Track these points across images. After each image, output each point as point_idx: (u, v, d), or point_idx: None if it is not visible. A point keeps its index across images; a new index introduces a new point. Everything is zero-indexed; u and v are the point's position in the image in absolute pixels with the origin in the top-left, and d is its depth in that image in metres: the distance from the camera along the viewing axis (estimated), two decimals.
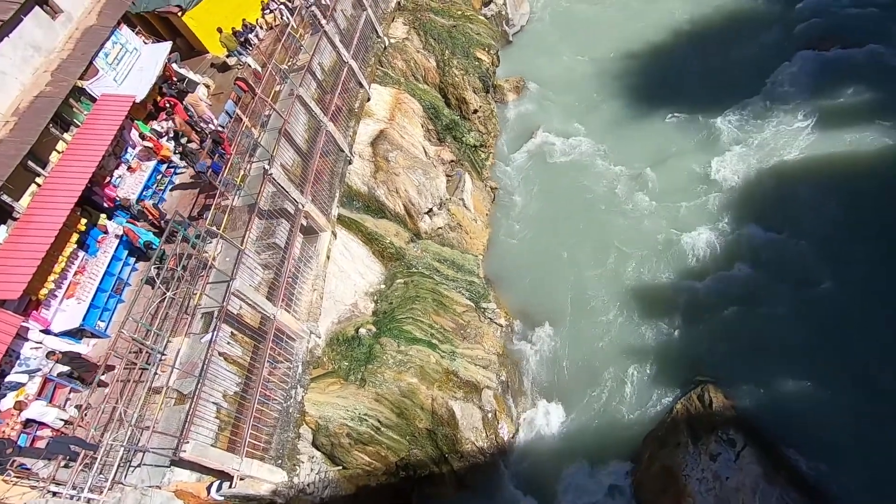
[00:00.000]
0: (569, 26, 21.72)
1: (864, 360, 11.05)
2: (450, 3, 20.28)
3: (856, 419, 10.45)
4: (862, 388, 10.75)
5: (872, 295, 11.73)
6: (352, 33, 16.05)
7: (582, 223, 15.69)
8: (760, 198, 14.18)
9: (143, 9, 17.11)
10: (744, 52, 17.40)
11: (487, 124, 18.75)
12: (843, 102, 15.01)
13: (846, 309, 11.78)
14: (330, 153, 13.45)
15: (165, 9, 17.09)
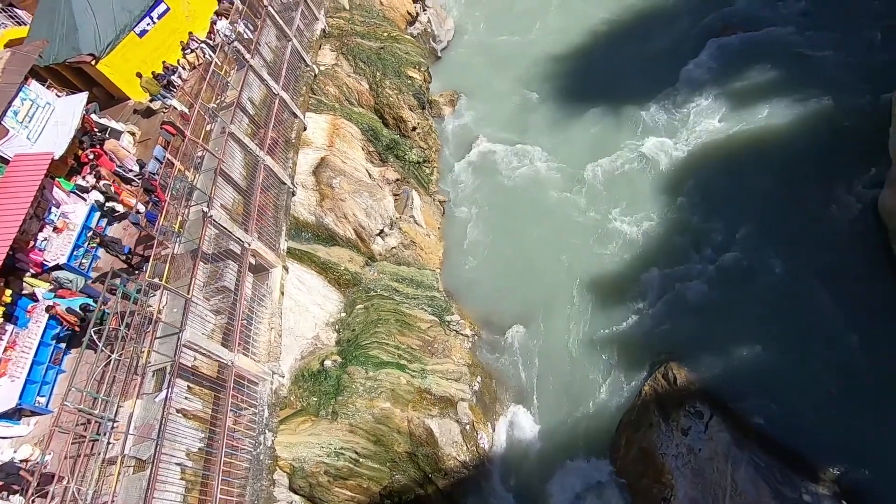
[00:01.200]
0: (493, 38, 22.39)
1: (806, 322, 11.77)
2: (375, 26, 20.47)
3: (807, 377, 11.09)
4: (807, 348, 11.43)
5: (805, 260, 12.55)
6: (279, 65, 15.88)
7: (531, 224, 16.05)
8: (691, 178, 15.00)
9: (53, 61, 16.35)
10: (657, 45, 18.48)
11: (428, 139, 18.94)
12: (750, 81, 16.18)
13: (783, 277, 12.56)
14: (271, 187, 13.16)
15: (77, 59, 16.39)
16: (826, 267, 12.18)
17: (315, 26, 18.60)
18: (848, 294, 11.68)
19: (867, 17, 15.95)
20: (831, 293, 11.84)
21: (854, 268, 12.02)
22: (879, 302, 11.44)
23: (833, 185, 13.23)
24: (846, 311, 11.53)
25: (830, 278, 12.02)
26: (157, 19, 18.40)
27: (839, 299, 11.70)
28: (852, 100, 14.46)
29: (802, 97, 15.09)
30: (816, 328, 11.67)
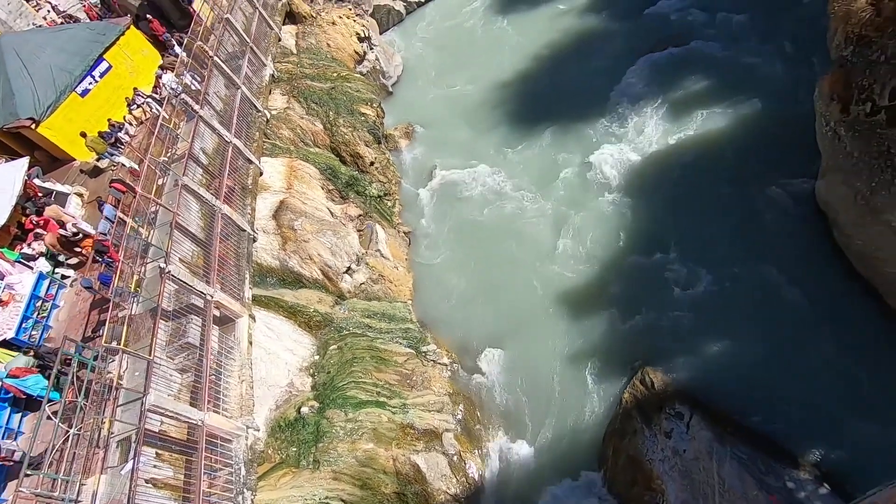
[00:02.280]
0: (441, 70, 23.03)
1: (766, 311, 12.25)
2: (324, 68, 20.74)
3: (775, 366, 11.46)
4: (771, 338, 11.86)
5: (756, 254, 13.14)
6: (230, 113, 15.79)
7: (495, 246, 16.26)
8: (642, 186, 15.60)
9: None
10: (597, 65, 19.41)
11: (387, 173, 19.09)
12: (685, 91, 17.14)
13: (739, 272, 13.08)
14: (231, 236, 12.91)
15: (16, 124, 15.92)
16: (777, 258, 12.78)
17: (263, 72, 18.70)
18: (800, 280, 12.28)
19: (786, 27, 17.24)
20: (784, 282, 12.40)
21: (803, 256, 12.66)
22: (829, 284, 12.05)
23: (773, 181, 14.00)
24: (801, 297, 12.09)
25: (782, 268, 12.61)
26: (99, 78, 18.14)
27: (793, 286, 12.27)
28: (780, 100, 15.48)
29: (735, 102, 16.07)
30: (776, 316, 12.15)
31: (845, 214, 11.59)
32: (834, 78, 10.83)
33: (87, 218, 14.58)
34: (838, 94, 10.69)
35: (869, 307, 11.44)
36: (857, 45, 10.15)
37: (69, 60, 17.53)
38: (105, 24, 20.28)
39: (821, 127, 11.74)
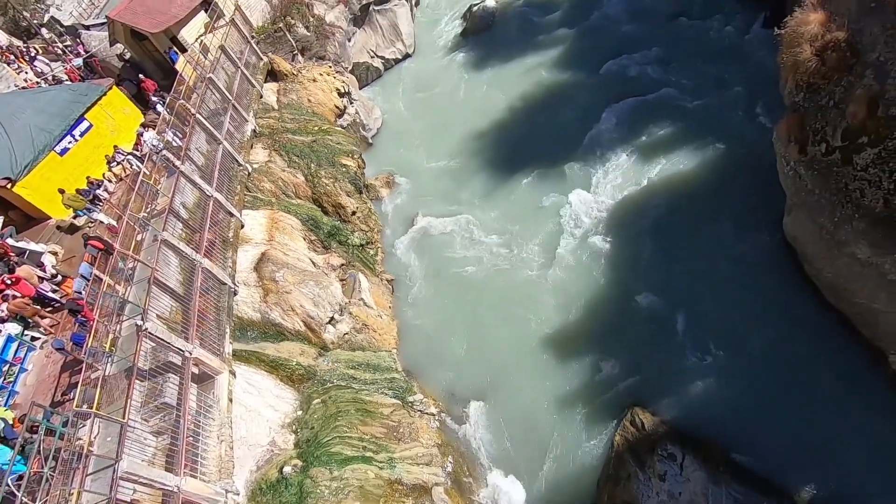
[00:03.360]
0: (419, 122, 23.80)
1: (745, 347, 12.44)
2: (305, 122, 21.25)
3: (759, 401, 11.52)
4: (752, 372, 11.98)
5: (732, 291, 13.47)
6: (211, 167, 15.94)
7: (478, 291, 16.33)
8: (616, 228, 16.04)
9: None
10: (567, 114, 20.32)
11: (368, 222, 19.25)
12: (651, 136, 18.00)
13: (717, 309, 13.35)
14: (211, 290, 12.72)
15: None
16: (752, 293, 13.11)
17: (245, 128, 19.06)
18: (776, 314, 12.58)
19: (739, 74, 18.45)
20: (762, 317, 12.67)
21: (777, 290, 13.01)
22: (805, 317, 12.35)
23: (742, 219, 14.56)
24: (778, 331, 12.34)
25: (758, 303, 12.91)
26: (79, 137, 18.24)
27: (770, 321, 12.54)
28: (741, 142, 16.33)
29: (699, 145, 16.90)
30: (756, 352, 12.33)
31: (813, 248, 12.04)
32: (789, 122, 11.52)
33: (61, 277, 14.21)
34: (795, 136, 11.35)
35: (844, 338, 11.71)
36: (808, 92, 10.90)
37: (49, 121, 17.64)
38: (87, 85, 20.61)
39: (782, 167, 12.36)
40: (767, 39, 16.62)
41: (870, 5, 9.49)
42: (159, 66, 24.48)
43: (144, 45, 24.15)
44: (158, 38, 22.75)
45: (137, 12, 22.65)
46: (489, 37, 26.68)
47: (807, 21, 10.47)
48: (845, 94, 9.90)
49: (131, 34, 23.48)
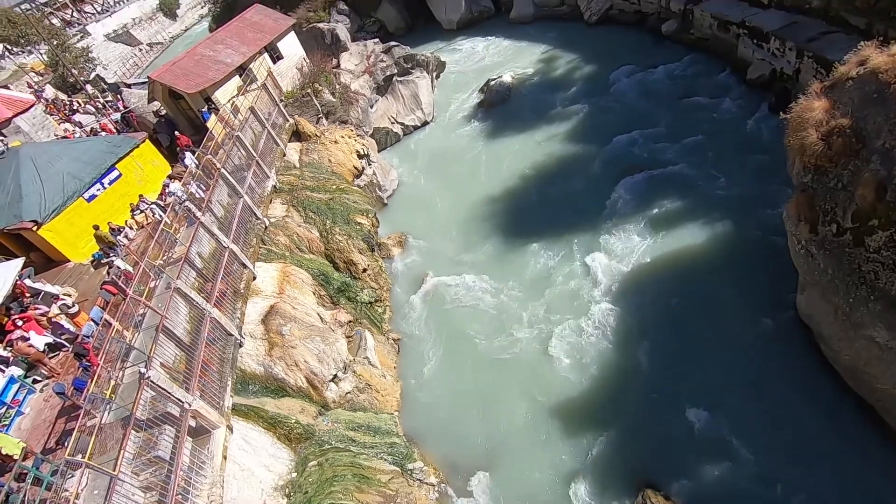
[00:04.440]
0: (434, 185, 24.55)
1: (760, 427, 11.89)
2: (324, 180, 22.02)
3: (778, 489, 10.84)
4: (772, 462, 11.38)
5: (746, 369, 13.11)
6: (230, 220, 16.38)
7: (486, 356, 16.04)
8: (629, 299, 15.90)
9: None
10: (579, 185, 20.86)
11: (378, 280, 19.37)
12: (663, 209, 18.26)
13: (732, 387, 12.93)
14: (217, 340, 12.66)
15: (17, 226, 16.30)
16: (767, 374, 12.73)
17: (266, 183, 19.76)
18: (792, 397, 12.12)
19: (748, 152, 18.99)
20: (777, 399, 12.22)
21: (792, 371, 12.63)
22: (822, 401, 11.89)
23: (754, 296, 14.43)
24: (795, 415, 11.85)
25: (773, 385, 12.51)
26: (108, 185, 19.02)
27: (786, 404, 12.07)
28: (751, 218, 16.52)
29: (710, 219, 17.08)
30: (771, 435, 11.77)
31: (829, 329, 11.79)
32: (799, 201, 11.69)
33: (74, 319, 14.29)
34: (805, 215, 11.47)
35: (865, 426, 11.18)
36: (815, 174, 11.13)
37: (82, 169, 18.49)
38: (122, 137, 21.77)
39: (793, 245, 12.39)
40: (773, 122, 17.30)
41: (872, 96, 9.90)
42: (191, 123, 25.88)
43: (180, 104, 25.69)
44: (194, 98, 24.22)
45: (177, 74, 24.31)
46: (505, 109, 28.03)
47: (811, 108, 10.90)
48: (853, 177, 10.10)
49: (169, 93, 25.07)
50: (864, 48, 10.68)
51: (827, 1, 19.62)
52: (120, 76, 59.38)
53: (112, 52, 72.97)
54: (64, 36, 56.59)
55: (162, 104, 26.27)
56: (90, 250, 17.72)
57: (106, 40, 75.55)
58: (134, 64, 70.56)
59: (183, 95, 24.36)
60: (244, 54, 26.05)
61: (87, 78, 44.19)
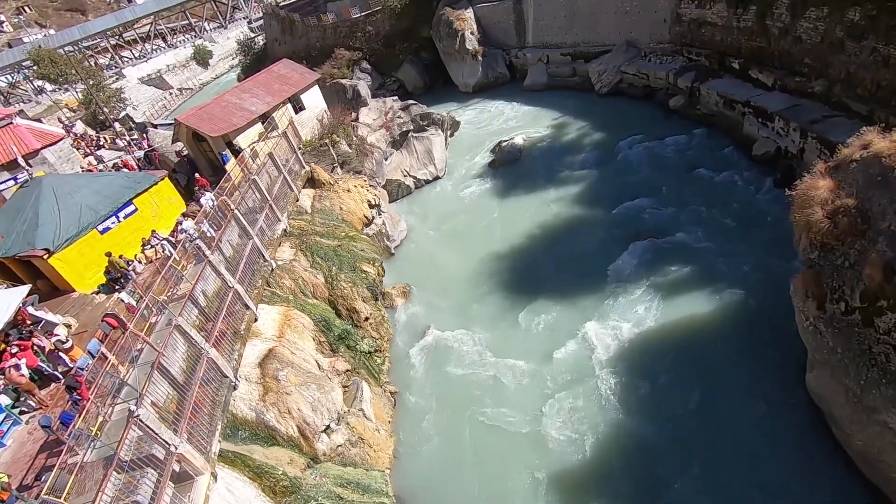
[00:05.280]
0: (442, 238, 24.83)
1: None
2: (334, 227, 22.36)
3: None
4: None
5: (755, 451, 12.59)
6: (238, 260, 16.53)
7: (483, 416, 15.54)
8: (631, 367, 15.52)
9: (3, 255, 16.35)
10: (586, 248, 20.98)
11: (380, 329, 19.19)
12: (668, 277, 18.19)
13: (742, 470, 12.36)
14: (212, 381, 12.42)
15: (28, 253, 16.52)
16: (775, 456, 12.17)
17: (277, 226, 20.08)
18: (803, 483, 11.50)
19: (755, 223, 19.18)
20: (787, 486, 11.60)
21: (802, 453, 12.08)
22: (832, 488, 11.29)
23: (761, 371, 14.08)
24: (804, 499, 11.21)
25: (783, 469, 11.92)
26: (122, 219, 19.41)
27: (793, 492, 11.44)
28: (758, 291, 16.38)
29: (716, 290, 16.96)
30: None
31: (840, 410, 11.40)
32: (806, 277, 11.65)
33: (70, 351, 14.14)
34: (812, 291, 11.40)
35: None
36: (822, 251, 11.17)
37: (100, 202, 18.96)
38: (143, 174, 22.46)
39: (801, 321, 12.23)
40: (780, 197, 17.54)
41: (876, 179, 10.11)
42: (211, 165, 26.73)
43: (202, 146, 26.66)
44: (216, 141, 25.16)
45: (202, 118, 25.42)
46: (515, 169, 28.80)
47: (816, 186, 11.10)
48: (860, 256, 10.12)
49: (193, 135, 26.08)
50: (866, 132, 11.02)
51: (829, 86, 20.48)
52: (148, 117, 62.10)
53: (143, 93, 76.73)
54: (100, 77, 59.80)
55: (185, 145, 27.27)
56: (96, 282, 17.84)
57: (139, 83, 79.66)
58: (163, 106, 73.95)
59: (206, 138, 25.32)
60: (268, 104, 27.30)
61: (116, 116, 46.24)
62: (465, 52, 42.33)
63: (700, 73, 27.78)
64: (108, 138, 37.08)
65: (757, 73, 24.45)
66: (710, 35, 27.93)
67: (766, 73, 23.85)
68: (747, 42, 25.29)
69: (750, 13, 24.67)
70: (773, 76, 23.39)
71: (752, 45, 25.05)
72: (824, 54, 20.60)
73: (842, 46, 19.60)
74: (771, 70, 23.74)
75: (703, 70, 27.94)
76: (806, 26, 21.38)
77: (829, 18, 20.02)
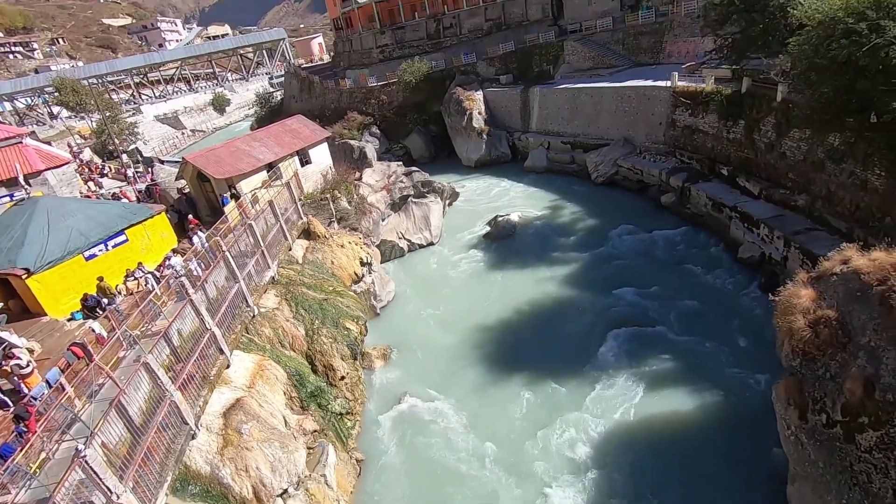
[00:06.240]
0: (429, 304, 24.70)
1: None
2: (322, 280, 22.24)
3: None
4: None
5: None
6: (220, 302, 16.24)
7: (451, 494, 14.67)
8: (609, 459, 14.97)
9: None
10: (572, 330, 20.94)
11: (355, 391, 18.53)
12: (650, 368, 18.04)
13: None
14: (170, 427, 11.75)
15: (7, 271, 16.16)
16: None
17: (266, 273, 19.94)
18: None
19: (739, 323, 19.35)
20: None
21: None
22: None
23: (741, 478, 13.62)
24: None
25: None
26: (111, 247, 19.23)
27: None
28: (740, 394, 16.24)
29: (697, 388, 16.78)
30: None
31: None
32: (788, 384, 11.62)
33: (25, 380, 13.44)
34: (794, 399, 11.31)
35: None
36: (804, 359, 11.23)
37: (92, 228, 18.86)
38: (141, 206, 22.56)
39: (783, 429, 12.03)
40: (763, 301, 17.90)
41: (856, 294, 10.41)
42: (210, 205, 26.99)
43: (205, 186, 27.05)
44: (219, 183, 25.57)
45: (210, 160, 26.01)
46: (508, 245, 29.33)
47: (799, 295, 11.38)
48: (841, 369, 10.17)
49: (197, 175, 26.54)
50: (846, 248, 11.48)
51: (811, 201, 21.58)
52: (157, 152, 63.44)
53: (157, 130, 78.93)
54: (117, 110, 61.69)
55: (188, 183, 27.67)
56: (71, 308, 17.33)
57: (154, 119, 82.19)
58: (173, 144, 75.85)
59: (210, 179, 25.75)
60: (276, 154, 28.12)
61: (125, 148, 47.21)
62: (472, 130, 44.58)
63: (691, 175, 29.28)
64: (112, 167, 37.61)
65: (744, 181, 25.81)
66: (701, 141, 29.76)
67: (753, 183, 25.17)
68: (736, 152, 26.93)
69: (739, 126, 26.49)
70: (760, 186, 24.67)
71: (740, 156, 26.65)
72: (807, 172, 21.91)
73: (823, 166, 20.90)
74: (757, 180, 25.09)
75: (694, 172, 29.47)
76: (790, 144, 22.92)
77: (811, 140, 21.51)
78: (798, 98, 20.92)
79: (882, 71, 14.96)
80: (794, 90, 21.30)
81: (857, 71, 15.62)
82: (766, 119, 24.52)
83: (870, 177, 18.45)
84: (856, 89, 15.90)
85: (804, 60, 17.60)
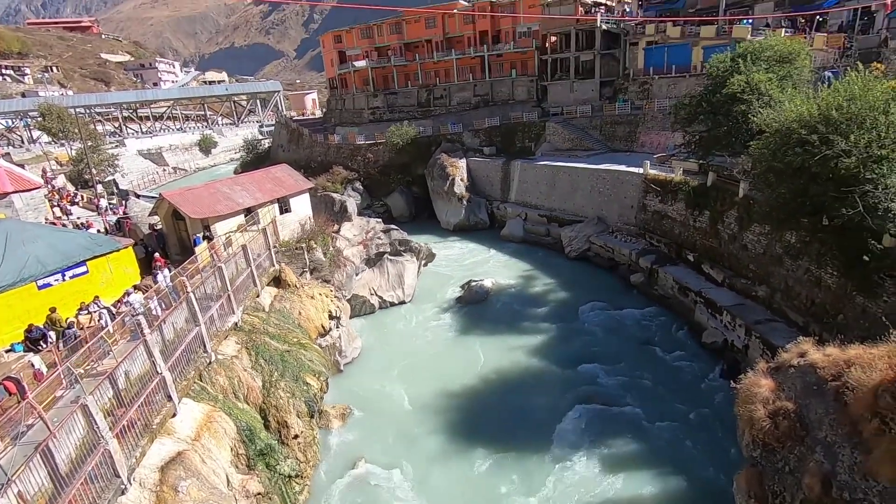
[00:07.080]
0: (394, 365, 24.10)
1: None
2: (287, 331, 21.56)
3: None
4: None
5: None
6: (176, 345, 15.48)
7: None
8: None
9: None
10: (536, 400, 20.63)
11: (307, 452, 17.48)
12: (613, 449, 17.72)
13: None
14: (99, 479, 10.75)
15: None
16: None
17: (229, 318, 19.25)
18: None
19: (704, 407, 19.39)
20: None
21: None
22: None
23: None
24: None
25: None
26: (68, 278, 18.39)
27: None
28: (702, 479, 16.02)
29: (659, 472, 16.51)
30: None
31: None
32: (748, 475, 11.54)
33: None
34: (755, 491, 11.21)
35: None
36: (764, 450, 11.25)
37: (51, 256, 18.09)
38: (107, 238, 21.90)
39: None
40: (725, 387, 18.10)
41: (812, 387, 10.67)
42: (181, 244, 26.40)
43: (178, 224, 26.58)
44: (194, 223, 25.19)
45: (187, 199, 25.76)
46: (480, 310, 29.32)
47: (759, 384, 11.60)
48: (799, 463, 10.21)
49: (172, 213, 26.15)
50: (803, 342, 11.91)
51: (771, 293, 22.53)
52: (134, 186, 62.65)
53: (138, 164, 78.37)
54: (100, 141, 61.36)
55: (161, 220, 27.16)
56: (12, 338, 16.21)
57: (137, 154, 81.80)
58: (151, 180, 75.17)
59: (185, 218, 25.39)
60: (257, 199, 28.10)
61: (102, 179, 46.50)
62: (453, 195, 45.81)
63: (659, 258, 30.41)
64: (84, 196, 36.82)
65: (709, 268, 26.92)
66: (669, 227, 31.22)
67: (717, 270, 26.27)
68: (701, 240, 28.29)
69: (704, 216, 28.01)
70: (723, 274, 25.74)
71: (705, 244, 27.97)
72: (767, 265, 23.05)
73: (781, 261, 22.06)
74: (721, 268, 26.21)
75: (662, 255, 30.65)
76: (751, 238, 24.24)
77: (770, 235, 22.83)
78: (758, 196, 22.40)
79: (832, 179, 16.27)
80: (755, 188, 22.85)
81: (810, 177, 16.94)
82: (729, 212, 26.05)
83: (823, 275, 19.50)
84: (809, 193, 17.17)
85: (763, 163, 19.04)
